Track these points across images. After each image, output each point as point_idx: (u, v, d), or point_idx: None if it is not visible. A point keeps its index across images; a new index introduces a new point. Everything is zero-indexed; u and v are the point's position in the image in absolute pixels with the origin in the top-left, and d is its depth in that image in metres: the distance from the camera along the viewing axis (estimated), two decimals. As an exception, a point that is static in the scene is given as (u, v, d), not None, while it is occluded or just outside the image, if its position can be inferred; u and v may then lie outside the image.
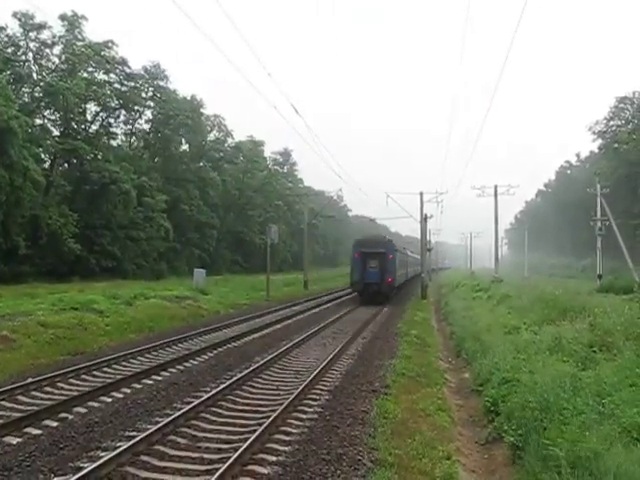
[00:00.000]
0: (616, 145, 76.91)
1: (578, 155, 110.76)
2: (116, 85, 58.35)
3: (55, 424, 9.57)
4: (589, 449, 7.37)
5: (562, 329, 15.99)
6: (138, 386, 12.51)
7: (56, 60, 51.96)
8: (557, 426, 8.52)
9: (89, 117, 56.62)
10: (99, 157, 52.33)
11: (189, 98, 66.71)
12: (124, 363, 15.05)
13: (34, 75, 50.71)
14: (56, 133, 52.03)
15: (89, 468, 7.23)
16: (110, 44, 55.30)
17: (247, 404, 11.37)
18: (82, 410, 10.46)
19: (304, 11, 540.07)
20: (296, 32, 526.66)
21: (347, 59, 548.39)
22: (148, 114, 64.41)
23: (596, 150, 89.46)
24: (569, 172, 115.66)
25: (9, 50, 49.55)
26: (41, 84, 49.46)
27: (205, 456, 8.32)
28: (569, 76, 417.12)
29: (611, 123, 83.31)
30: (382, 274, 35.59)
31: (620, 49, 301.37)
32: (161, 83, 63.88)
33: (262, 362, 15.07)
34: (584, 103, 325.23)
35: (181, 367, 14.83)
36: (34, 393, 11.62)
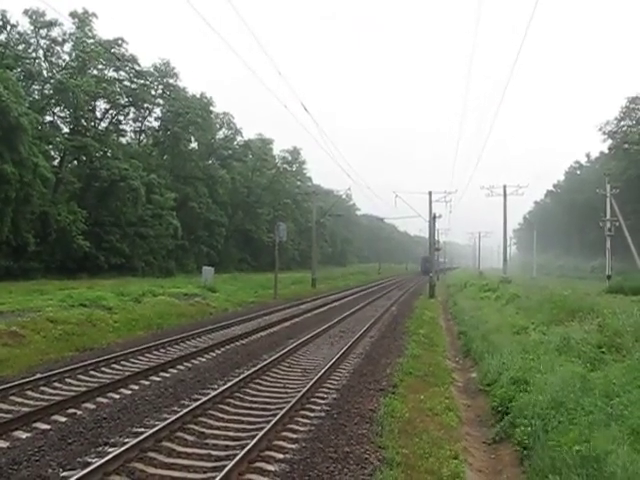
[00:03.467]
0: (626, 145, 76.41)
1: (588, 155, 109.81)
2: (126, 83, 58.49)
3: (64, 419, 9.60)
4: (597, 449, 7.36)
5: (571, 330, 15.96)
6: (146, 383, 12.54)
7: (66, 57, 52.34)
8: (566, 426, 8.50)
9: (99, 114, 56.75)
10: (108, 154, 52.42)
11: (199, 96, 66.58)
12: (132, 360, 15.09)
13: (44, 72, 50.89)
14: (66, 130, 52.30)
15: (97, 463, 7.25)
16: (120, 41, 55.46)
17: (254, 402, 11.37)
18: (90, 406, 10.50)
19: (312, 8, 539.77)
20: (304, 30, 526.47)
21: (355, 57, 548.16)
22: (157, 112, 64.63)
23: (606, 150, 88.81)
24: (579, 173, 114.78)
25: (20, 47, 49.85)
26: (51, 81, 49.62)
27: (213, 453, 8.33)
28: (580, 75, 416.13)
29: (622, 123, 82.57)
30: (429, 267, 58.97)
31: (633, 48, 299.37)
32: (171, 81, 64.04)
33: (269, 360, 15.05)
34: (595, 103, 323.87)
35: (189, 364, 14.84)
36: (43, 388, 11.67)
